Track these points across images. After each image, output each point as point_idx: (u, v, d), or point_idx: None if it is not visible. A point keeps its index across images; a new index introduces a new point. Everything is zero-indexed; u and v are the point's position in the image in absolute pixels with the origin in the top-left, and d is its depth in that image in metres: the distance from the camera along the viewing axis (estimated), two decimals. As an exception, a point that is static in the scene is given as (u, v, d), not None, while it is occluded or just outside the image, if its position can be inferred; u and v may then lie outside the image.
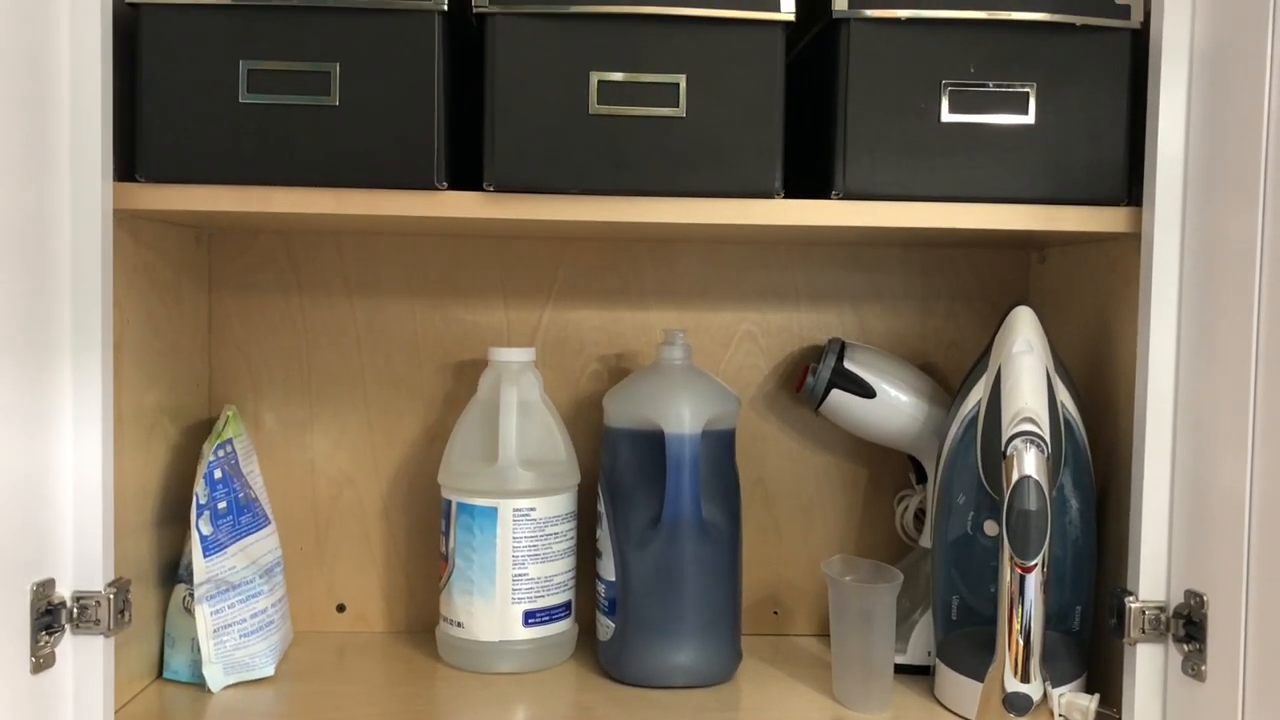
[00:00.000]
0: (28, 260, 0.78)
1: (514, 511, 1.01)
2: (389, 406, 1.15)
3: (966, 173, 0.88)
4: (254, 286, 1.13)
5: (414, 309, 1.14)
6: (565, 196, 0.87)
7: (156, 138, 0.86)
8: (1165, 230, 0.86)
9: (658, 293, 1.16)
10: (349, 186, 0.87)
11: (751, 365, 1.17)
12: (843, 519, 1.17)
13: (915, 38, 0.87)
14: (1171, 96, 0.85)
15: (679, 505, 0.98)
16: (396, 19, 0.85)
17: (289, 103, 0.85)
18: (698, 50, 0.86)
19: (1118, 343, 0.97)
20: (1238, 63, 0.80)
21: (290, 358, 1.14)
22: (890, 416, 1.07)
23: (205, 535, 0.96)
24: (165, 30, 0.85)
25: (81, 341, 0.83)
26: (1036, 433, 0.88)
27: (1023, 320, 0.94)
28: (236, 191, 0.86)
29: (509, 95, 0.86)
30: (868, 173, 0.88)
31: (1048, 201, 0.89)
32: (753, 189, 0.88)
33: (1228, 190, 0.81)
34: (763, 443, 1.17)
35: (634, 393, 1.03)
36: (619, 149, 0.86)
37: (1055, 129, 0.88)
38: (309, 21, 0.85)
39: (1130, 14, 0.88)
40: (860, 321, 1.16)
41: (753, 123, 0.87)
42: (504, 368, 1.05)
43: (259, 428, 1.14)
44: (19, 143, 0.77)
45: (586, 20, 0.85)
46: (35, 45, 0.78)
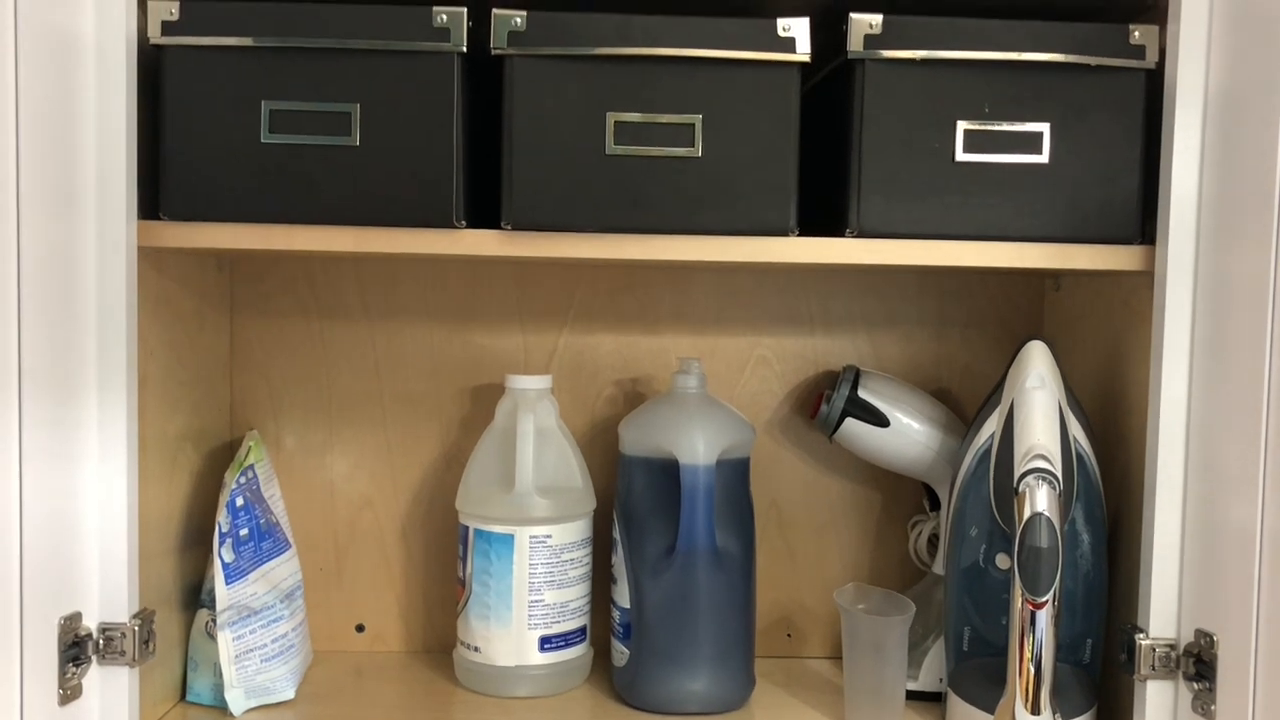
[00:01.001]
0: (55, 299, 0.80)
1: (530, 538, 1.03)
2: (408, 429, 1.16)
3: (980, 211, 0.89)
4: (275, 311, 1.15)
5: (432, 333, 1.16)
6: (582, 234, 0.88)
7: (180, 177, 0.87)
8: (1178, 269, 0.87)
9: (673, 318, 1.16)
10: (369, 225, 0.88)
11: (766, 390, 1.17)
12: (856, 543, 1.18)
13: (929, 78, 0.88)
14: (1185, 137, 0.86)
15: (693, 535, 0.99)
16: (416, 60, 0.86)
17: (310, 143, 0.87)
18: (713, 91, 0.87)
19: (1131, 376, 0.97)
20: (1251, 105, 0.80)
21: (310, 381, 1.15)
22: (904, 446, 1.07)
23: (227, 563, 0.98)
24: (189, 71, 0.86)
25: (107, 379, 0.84)
26: (1048, 470, 0.89)
27: (1036, 355, 0.95)
28: (258, 229, 0.88)
29: (527, 135, 0.87)
30: (882, 211, 0.89)
31: (1061, 240, 0.89)
32: (768, 228, 0.88)
33: (1240, 231, 0.81)
34: (777, 467, 1.18)
35: (649, 421, 1.04)
36: (635, 189, 0.87)
37: (1069, 168, 0.89)
38: (330, 63, 0.86)
39: (1145, 54, 0.88)
40: (875, 347, 1.17)
41: (768, 162, 0.88)
42: (520, 395, 1.06)
43: (280, 450, 1.16)
44: (46, 183, 0.78)
45: (603, 62, 0.86)
46: (61, 86, 0.80)
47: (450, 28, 0.86)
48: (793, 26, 0.86)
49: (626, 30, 0.86)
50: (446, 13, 0.86)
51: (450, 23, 0.86)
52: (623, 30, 0.86)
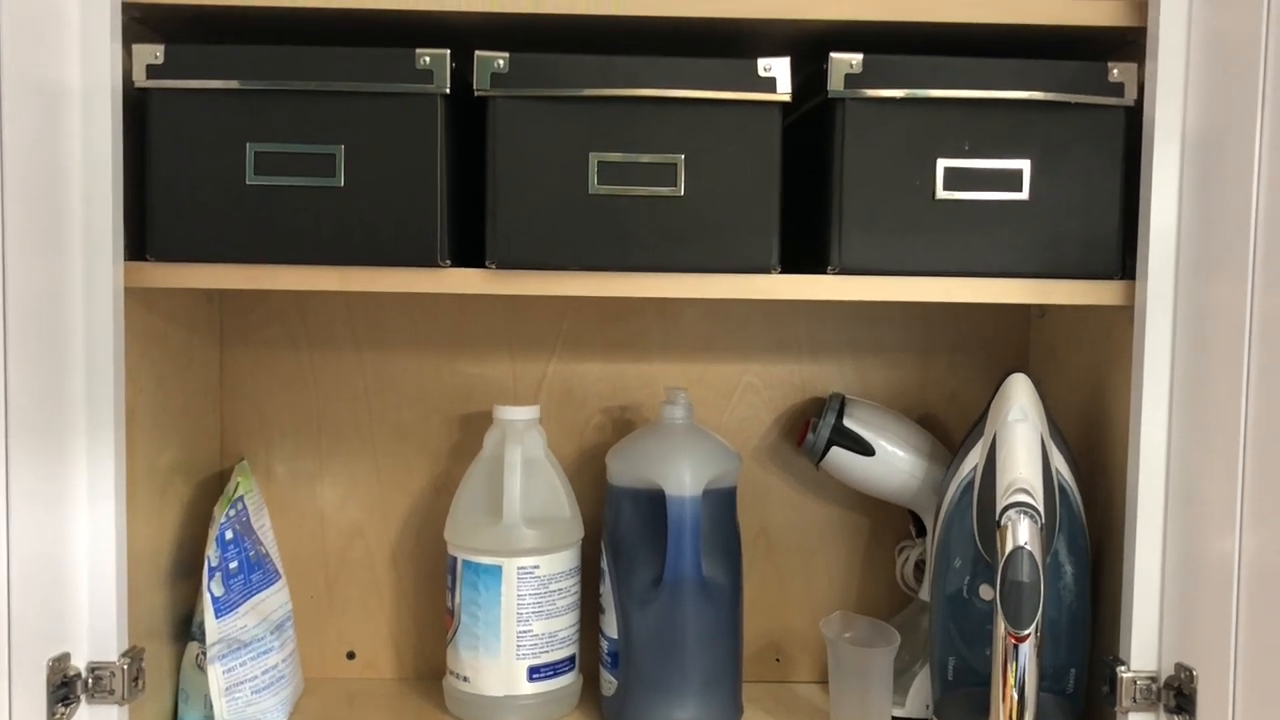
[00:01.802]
0: (42, 341, 0.80)
1: (518, 569, 1.03)
2: (397, 458, 1.17)
3: (961, 248, 0.89)
4: (265, 342, 1.15)
5: (421, 362, 1.16)
6: (566, 273, 0.89)
7: (166, 218, 0.88)
8: (1158, 304, 0.88)
9: (661, 346, 1.17)
10: (354, 264, 0.89)
11: (754, 417, 1.18)
12: (844, 568, 1.19)
13: (910, 116, 0.88)
14: (1164, 174, 0.86)
15: (680, 566, 1.00)
16: (400, 102, 0.87)
17: (295, 184, 0.87)
18: (695, 131, 0.88)
19: (1112, 407, 0.98)
20: (1228, 142, 0.81)
21: (300, 410, 1.16)
22: (888, 474, 1.08)
23: (217, 596, 0.99)
24: (174, 114, 0.87)
25: (95, 420, 0.85)
26: (1030, 504, 0.90)
27: (1018, 388, 0.95)
28: (245, 270, 0.88)
29: (510, 176, 0.87)
30: (863, 248, 0.89)
31: (1042, 275, 0.90)
32: (750, 265, 0.89)
33: (1218, 266, 0.82)
34: (765, 493, 1.18)
35: (636, 452, 1.05)
36: (619, 227, 0.88)
37: (1050, 204, 0.89)
38: (314, 105, 0.87)
39: (1124, 92, 0.89)
40: (861, 374, 1.18)
41: (750, 201, 0.88)
42: (509, 425, 1.06)
43: (270, 479, 1.16)
44: (32, 226, 0.79)
45: (586, 103, 0.87)
46: (47, 133, 0.80)
47: (433, 69, 0.86)
48: (773, 66, 0.87)
49: (608, 71, 0.86)
50: (430, 55, 0.86)
51: (433, 65, 0.86)
52: (605, 71, 0.86)
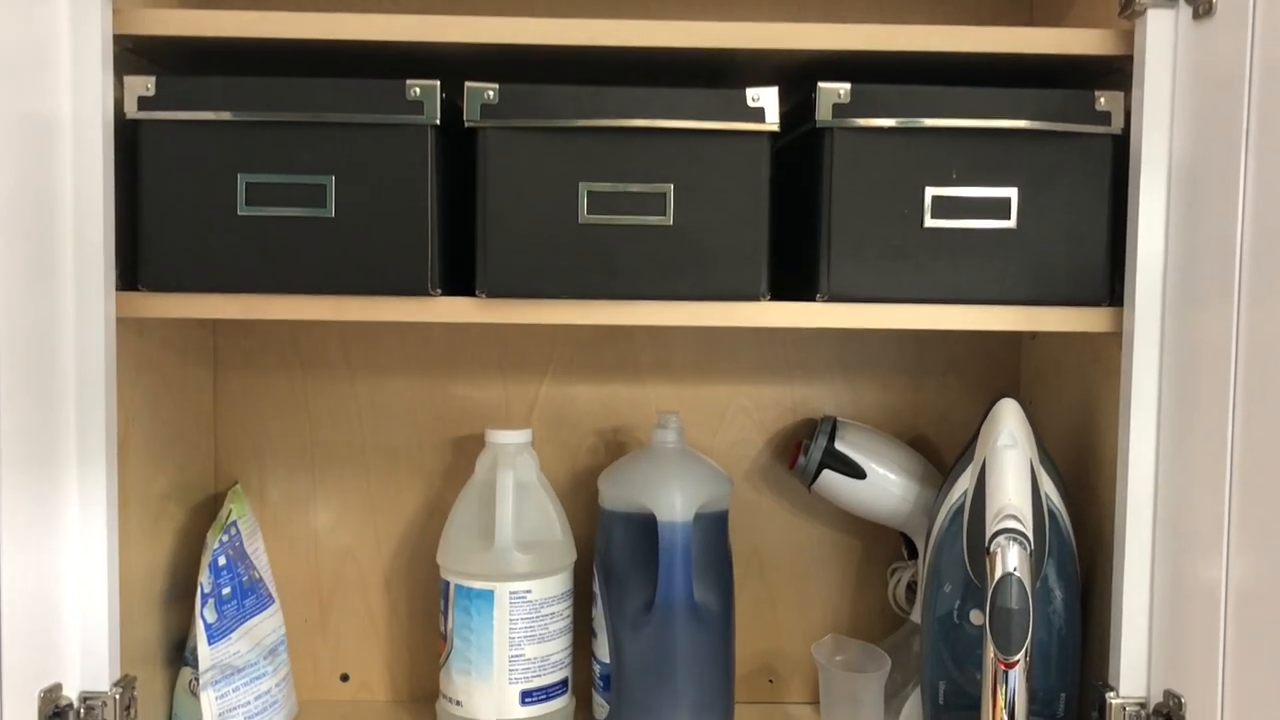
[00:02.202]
0: (34, 372, 0.81)
1: (510, 594, 1.03)
2: (390, 481, 1.17)
3: (950, 276, 0.90)
4: (259, 365, 1.16)
5: (414, 386, 1.17)
6: (556, 301, 0.89)
7: (158, 248, 0.88)
8: (1145, 331, 0.88)
9: (653, 368, 1.18)
10: (346, 293, 0.89)
11: (746, 439, 1.18)
12: (836, 589, 1.19)
13: (898, 145, 0.89)
14: (1151, 202, 0.87)
15: (671, 591, 1.00)
16: (390, 133, 0.87)
17: (286, 214, 0.88)
18: (684, 161, 0.88)
19: (1102, 430, 0.98)
20: (1214, 172, 0.81)
21: (294, 434, 1.16)
22: (880, 497, 1.08)
23: (210, 623, 0.99)
24: (165, 145, 0.87)
25: (87, 451, 0.85)
26: (1019, 530, 0.90)
27: (1007, 413, 0.96)
28: (237, 299, 0.89)
29: (500, 206, 0.88)
30: (852, 276, 0.90)
31: (1031, 303, 0.91)
32: (740, 293, 0.89)
33: (1205, 293, 0.82)
34: (757, 514, 1.19)
35: (627, 476, 1.05)
36: (608, 256, 0.88)
37: (1037, 232, 0.90)
38: (305, 136, 0.87)
39: (1111, 120, 0.89)
40: (853, 395, 1.18)
41: (739, 229, 0.89)
42: (500, 449, 1.07)
43: (263, 502, 1.17)
44: (24, 258, 0.79)
45: (575, 133, 0.87)
46: (39, 166, 0.81)
47: (424, 101, 0.87)
48: (762, 96, 0.87)
49: (598, 102, 0.87)
50: (420, 86, 0.87)
51: (424, 96, 0.87)
52: (594, 102, 0.87)
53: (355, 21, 0.88)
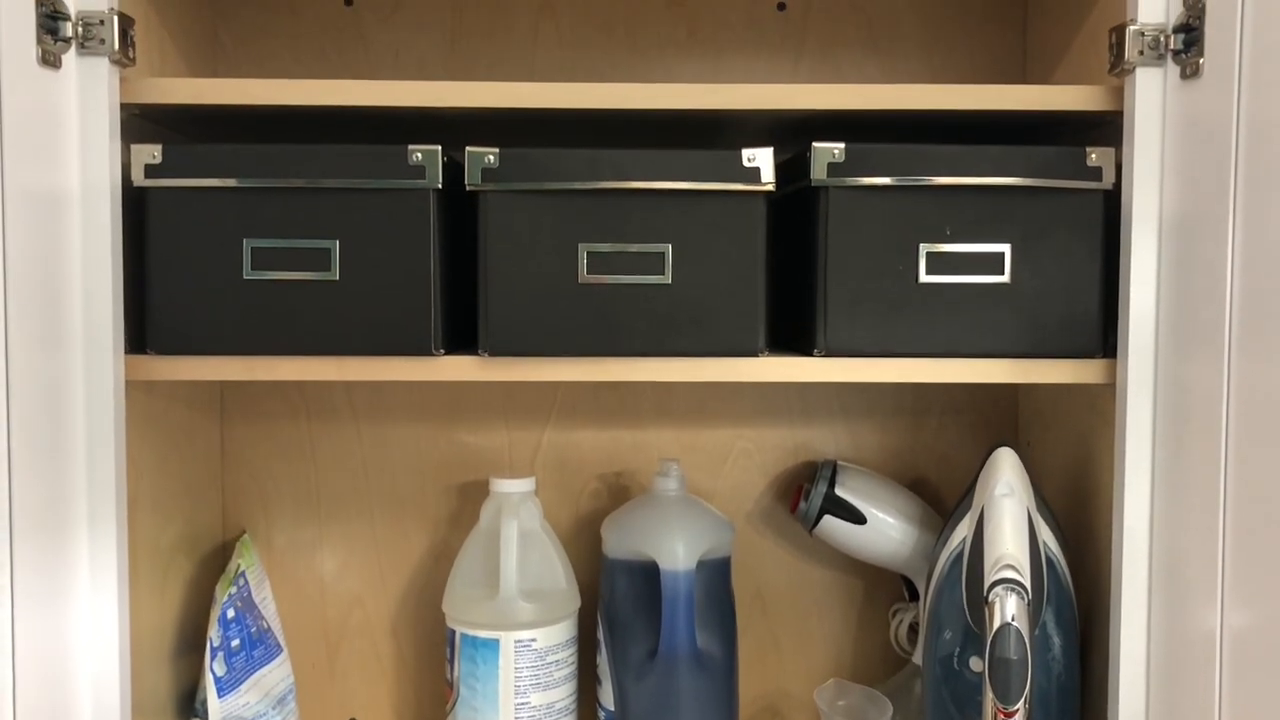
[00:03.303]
0: (46, 436, 0.82)
1: (515, 643, 1.05)
2: (395, 527, 1.19)
3: (945, 330, 0.91)
4: (265, 415, 1.17)
5: (418, 432, 1.18)
6: (557, 359, 0.91)
7: (165, 313, 0.90)
8: (1138, 383, 0.89)
9: (655, 413, 1.19)
10: (350, 354, 0.90)
11: (748, 481, 1.20)
12: (839, 631, 1.20)
13: (892, 202, 0.90)
14: (1142, 257, 0.88)
15: (675, 639, 1.02)
16: (393, 197, 0.89)
17: (291, 278, 0.89)
18: (682, 221, 0.89)
19: (1098, 477, 0.99)
20: (1203, 227, 0.83)
21: (300, 481, 1.18)
22: (880, 542, 1.10)
23: (219, 676, 1.00)
24: (172, 211, 0.89)
25: (97, 513, 0.87)
26: (1017, 580, 0.91)
27: (1004, 462, 0.97)
28: (243, 361, 0.90)
29: (502, 267, 0.89)
30: (849, 331, 0.91)
31: (1025, 355, 0.92)
32: (737, 349, 0.91)
33: (1196, 346, 0.84)
34: (760, 556, 1.20)
35: (630, 525, 1.06)
36: (608, 315, 0.90)
37: (1031, 286, 0.91)
38: (309, 201, 0.89)
39: (1102, 176, 0.90)
40: (853, 437, 1.19)
41: (736, 287, 0.90)
42: (504, 498, 1.08)
43: (270, 549, 1.18)
44: (34, 325, 0.81)
45: (574, 195, 0.89)
46: (48, 236, 0.82)
47: (425, 165, 0.88)
48: (757, 157, 0.89)
49: (596, 165, 0.88)
50: (421, 151, 0.88)
51: (425, 161, 0.88)
52: (592, 165, 0.88)
53: (356, 88, 0.89)
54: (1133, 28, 0.86)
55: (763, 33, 1.16)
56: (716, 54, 1.17)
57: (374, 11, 1.16)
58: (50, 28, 0.82)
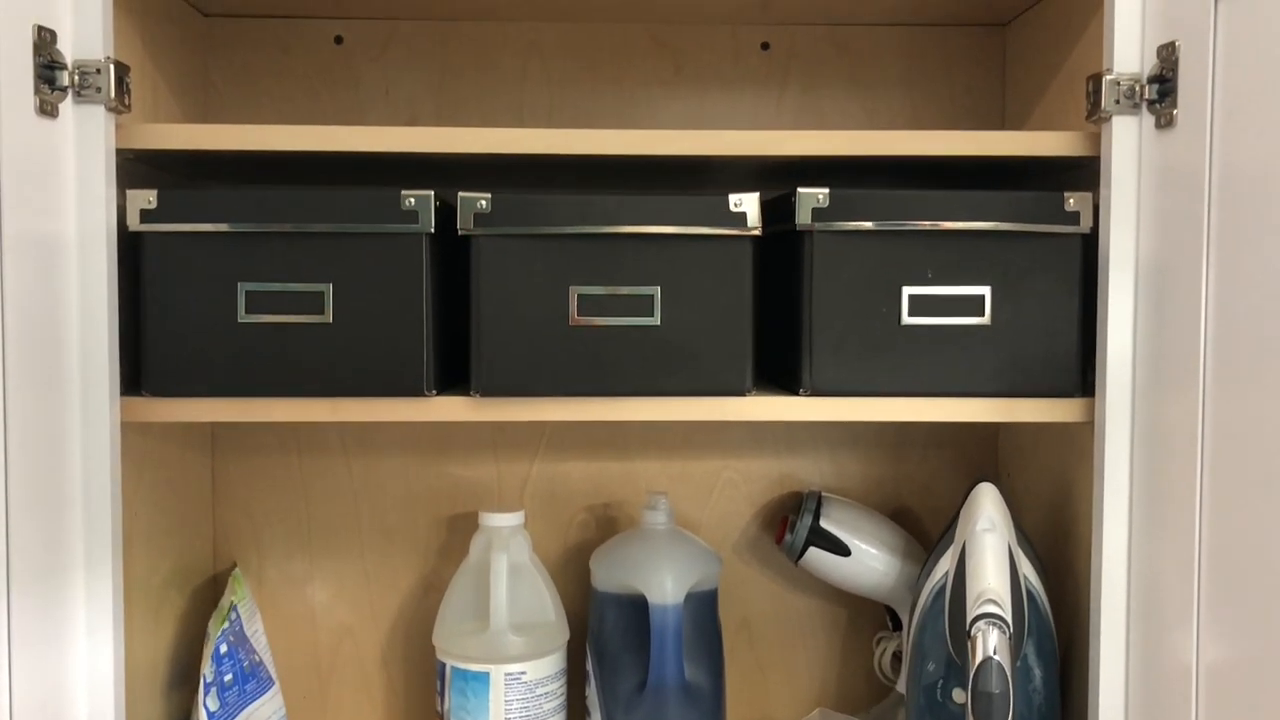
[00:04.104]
0: (42, 479, 0.83)
1: (505, 675, 1.06)
2: (386, 559, 1.20)
3: (927, 370, 0.93)
4: (256, 448, 1.18)
5: (408, 465, 1.19)
6: (548, 399, 0.92)
7: (161, 355, 0.91)
8: (1116, 421, 0.91)
9: (642, 444, 1.20)
10: (343, 395, 0.92)
11: (735, 511, 1.22)
12: (824, 659, 1.22)
13: (875, 246, 0.92)
14: (1119, 298, 0.90)
15: (663, 672, 1.03)
16: (386, 241, 0.90)
17: (285, 321, 0.90)
18: (670, 264, 0.91)
19: (1077, 511, 1.02)
20: (1178, 271, 0.85)
21: (291, 514, 1.19)
22: (864, 573, 1.11)
23: (212, 711, 1.01)
24: (167, 256, 0.90)
25: (93, 555, 0.87)
26: (999, 614, 0.93)
27: (985, 497, 0.99)
28: (237, 403, 0.91)
29: (493, 309, 0.91)
30: (833, 372, 0.93)
31: (1005, 394, 0.94)
32: (725, 389, 0.92)
33: (1172, 386, 0.86)
34: (747, 586, 1.22)
35: (618, 558, 1.08)
36: (598, 356, 0.91)
37: (1011, 327, 0.93)
38: (303, 245, 0.90)
39: (1080, 220, 0.93)
40: (837, 467, 1.21)
41: (724, 329, 0.92)
42: (494, 532, 1.09)
43: (262, 582, 1.19)
44: (31, 368, 0.82)
45: (565, 239, 0.90)
46: (45, 281, 0.83)
47: (419, 210, 0.90)
48: (744, 201, 0.91)
49: (586, 210, 0.90)
50: (415, 196, 0.90)
51: (418, 206, 0.90)
52: (583, 210, 0.90)
53: (349, 134, 0.91)
54: (1109, 77, 0.88)
55: (747, 71, 1.19)
56: (702, 91, 1.19)
57: (364, 50, 1.17)
58: (47, 77, 0.83)
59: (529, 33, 1.18)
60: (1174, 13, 0.84)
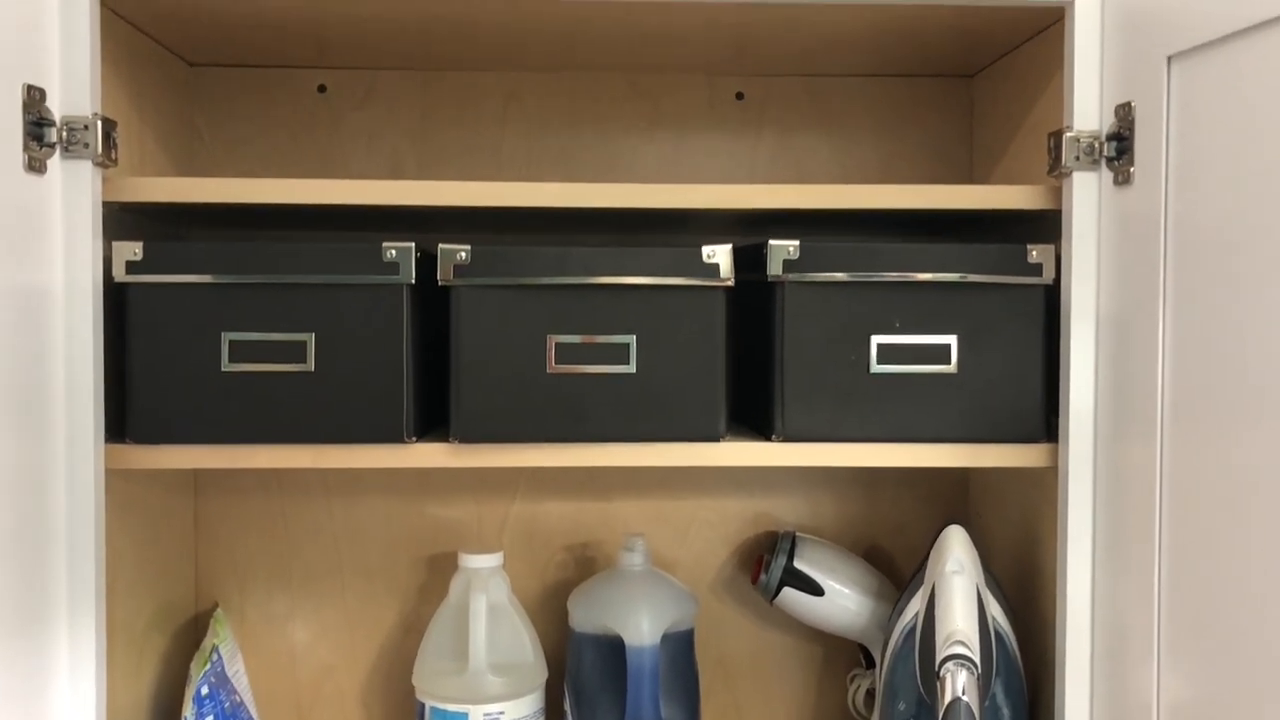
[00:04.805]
0: (27, 530, 0.84)
1: (485, 715, 1.07)
2: (366, 599, 1.21)
3: (895, 417, 0.96)
4: (238, 489, 1.20)
5: (388, 506, 1.21)
6: (526, 445, 0.94)
7: (145, 404, 0.92)
8: (1078, 466, 0.94)
9: (619, 485, 1.22)
10: (325, 443, 0.93)
11: (710, 551, 1.23)
12: (799, 696, 1.24)
13: (845, 296, 0.95)
14: (1081, 348, 0.93)
15: (640, 712, 1.05)
16: (367, 292, 0.92)
17: (268, 370, 0.92)
18: (645, 314, 0.93)
19: (1043, 551, 1.04)
20: (1136, 322, 0.88)
21: (273, 554, 1.20)
22: (837, 613, 1.13)
23: (193, 753, 1.02)
24: (152, 306, 0.92)
25: (76, 601, 0.89)
26: (967, 655, 0.95)
27: (954, 540, 1.01)
28: (221, 450, 0.93)
29: (472, 358, 0.93)
30: (805, 419, 0.95)
31: (971, 440, 0.96)
32: (699, 435, 0.95)
33: (1131, 433, 0.88)
34: (722, 624, 1.23)
35: (596, 599, 1.10)
36: (575, 403, 0.93)
37: (976, 376, 0.96)
38: (285, 296, 0.92)
39: (1043, 271, 0.95)
40: (812, 506, 1.23)
41: (698, 376, 0.94)
42: (473, 573, 1.11)
43: (243, 620, 1.20)
44: (18, 418, 0.83)
45: (543, 290, 0.93)
46: (32, 331, 0.85)
47: (399, 262, 0.92)
48: (716, 253, 0.93)
49: (564, 262, 0.92)
50: (396, 248, 0.92)
51: (399, 257, 0.92)
52: (560, 262, 0.92)
53: (330, 187, 0.93)
54: (1069, 134, 0.91)
55: (722, 119, 1.21)
56: (678, 138, 1.21)
57: (346, 98, 1.19)
58: (36, 134, 0.85)
59: (509, 81, 1.20)
60: (1130, 74, 0.88)
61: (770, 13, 0.95)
